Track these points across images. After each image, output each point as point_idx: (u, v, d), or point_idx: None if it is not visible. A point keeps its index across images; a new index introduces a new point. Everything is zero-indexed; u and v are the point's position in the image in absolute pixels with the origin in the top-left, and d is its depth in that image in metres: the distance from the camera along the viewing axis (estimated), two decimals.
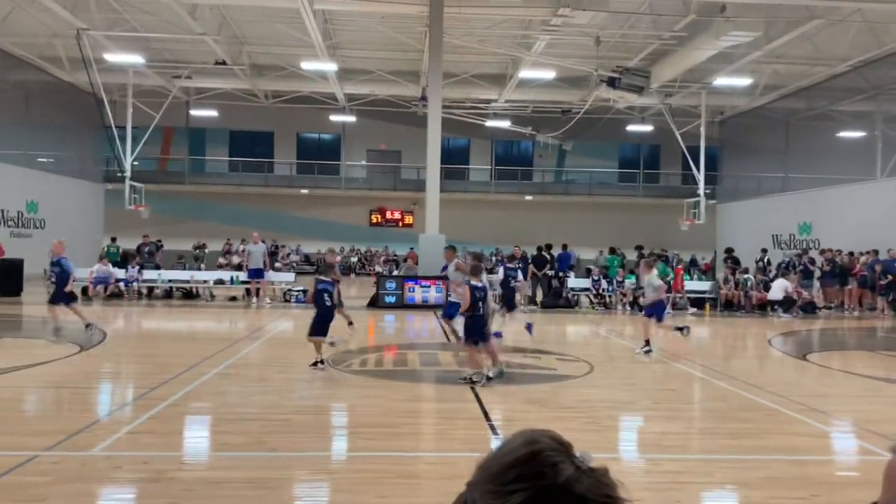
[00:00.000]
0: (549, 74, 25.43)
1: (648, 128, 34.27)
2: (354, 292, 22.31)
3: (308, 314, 9.76)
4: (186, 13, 20.12)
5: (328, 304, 9.26)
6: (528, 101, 30.58)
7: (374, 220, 37.74)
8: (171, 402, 7.21)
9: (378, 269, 30.98)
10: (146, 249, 22.32)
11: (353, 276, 33.05)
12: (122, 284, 19.20)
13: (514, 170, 37.42)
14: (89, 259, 22.93)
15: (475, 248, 34.22)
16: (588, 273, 21.93)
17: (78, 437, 5.88)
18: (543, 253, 20.13)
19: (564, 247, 21.60)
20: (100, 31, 21.89)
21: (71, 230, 27.61)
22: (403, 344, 12.39)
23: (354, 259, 36.03)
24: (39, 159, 27.94)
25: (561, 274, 20.20)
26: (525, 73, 24.98)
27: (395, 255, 34.01)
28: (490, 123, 31.80)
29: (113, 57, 23.43)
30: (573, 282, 20.75)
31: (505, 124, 31.40)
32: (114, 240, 23.92)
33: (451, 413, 7.17)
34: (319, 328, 9.16)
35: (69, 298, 12.20)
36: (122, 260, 21.48)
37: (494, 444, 5.92)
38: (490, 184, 36.91)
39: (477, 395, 7.83)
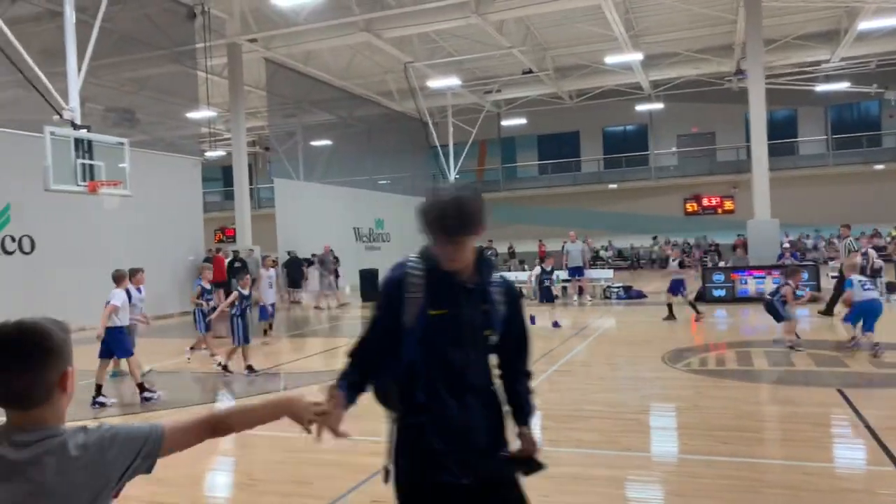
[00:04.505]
0: None
1: None
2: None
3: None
4: (494, 30, 21.40)
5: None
6: (870, 55, 26.25)
7: (689, 209, 35.79)
8: None
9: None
10: (488, 253, 24.25)
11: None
12: None
13: (856, 137, 32.39)
14: None
15: (810, 231, 30.70)
16: None
17: None
18: None
19: None
20: (422, 62, 24.52)
21: (410, 242, 31.31)
22: (741, 342, 11.45)
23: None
24: (380, 181, 32.20)
25: None
26: (865, 24, 21.46)
27: (714, 245, 31.84)
28: (821, 88, 27.98)
29: (434, 83, 26.00)
30: None
31: (842, 86, 27.35)
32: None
33: (819, 419, 6.37)
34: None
35: None
36: None
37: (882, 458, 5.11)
38: (826, 156, 32.43)
39: (848, 399, 6.87)
